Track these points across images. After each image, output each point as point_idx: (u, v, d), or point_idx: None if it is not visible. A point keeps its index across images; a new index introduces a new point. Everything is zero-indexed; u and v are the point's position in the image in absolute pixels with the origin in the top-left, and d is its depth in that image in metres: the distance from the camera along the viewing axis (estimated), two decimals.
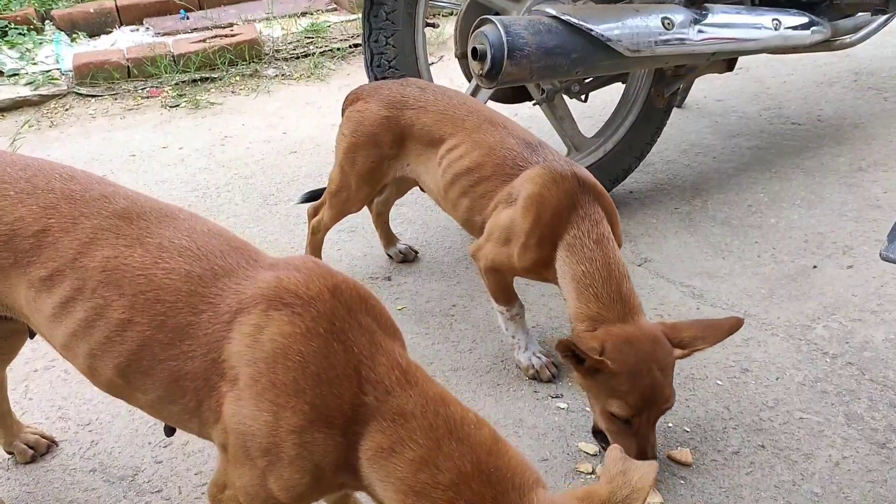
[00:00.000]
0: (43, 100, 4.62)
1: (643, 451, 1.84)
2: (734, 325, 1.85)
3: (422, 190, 2.61)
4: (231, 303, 1.30)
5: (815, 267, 2.80)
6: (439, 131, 2.31)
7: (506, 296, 2.30)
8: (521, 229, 2.08)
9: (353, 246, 3.04)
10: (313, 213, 2.68)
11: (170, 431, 1.60)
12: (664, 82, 3.08)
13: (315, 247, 2.72)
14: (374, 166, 2.42)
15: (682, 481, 1.93)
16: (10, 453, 2.00)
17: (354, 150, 2.42)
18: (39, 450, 2.02)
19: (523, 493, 1.14)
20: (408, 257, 2.92)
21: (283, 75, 5.10)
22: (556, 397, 2.21)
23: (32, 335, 1.72)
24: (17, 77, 4.76)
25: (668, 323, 1.90)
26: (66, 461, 2.02)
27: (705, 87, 4.49)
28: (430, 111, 2.34)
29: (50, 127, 4.36)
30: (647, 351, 1.81)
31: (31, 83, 4.70)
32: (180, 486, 1.93)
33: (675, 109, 3.99)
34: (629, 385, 1.79)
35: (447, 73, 4.77)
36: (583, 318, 1.93)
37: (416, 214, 3.27)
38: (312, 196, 2.86)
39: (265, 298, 1.28)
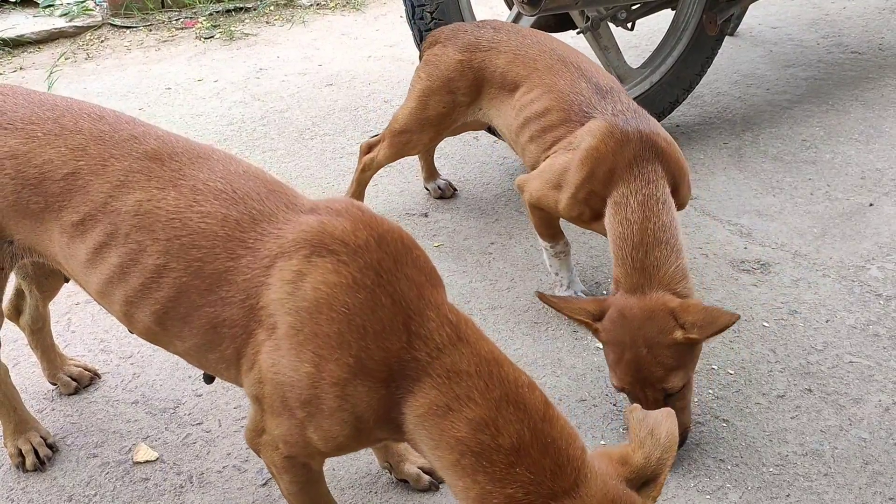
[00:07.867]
0: (78, 31, 4.58)
1: None
2: (727, 322, 1.69)
3: (493, 134, 2.54)
4: (271, 247, 1.26)
5: (871, 205, 2.68)
6: (512, 73, 2.24)
7: (550, 231, 2.24)
8: (574, 181, 2.01)
9: (389, 181, 2.99)
10: (367, 150, 2.62)
11: (209, 379, 1.60)
12: (717, 8, 2.92)
13: (361, 184, 2.67)
14: (446, 112, 2.38)
15: (725, 424, 1.89)
16: (54, 385, 2.04)
17: (429, 94, 2.37)
18: (83, 382, 2.05)
19: (576, 465, 1.12)
20: (445, 193, 2.86)
21: (317, 5, 4.98)
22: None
23: (67, 279, 1.71)
24: (51, 8, 4.72)
25: (684, 302, 1.77)
26: (109, 393, 2.05)
27: (759, 14, 4.27)
28: (503, 52, 2.28)
29: (86, 59, 4.34)
30: (635, 327, 1.74)
31: (65, 14, 4.65)
32: (220, 420, 1.95)
33: (726, 38, 3.81)
34: (615, 357, 1.77)
35: (488, 2, 4.61)
36: (615, 279, 1.90)
37: (454, 149, 3.20)
38: None
39: (308, 243, 1.23)
